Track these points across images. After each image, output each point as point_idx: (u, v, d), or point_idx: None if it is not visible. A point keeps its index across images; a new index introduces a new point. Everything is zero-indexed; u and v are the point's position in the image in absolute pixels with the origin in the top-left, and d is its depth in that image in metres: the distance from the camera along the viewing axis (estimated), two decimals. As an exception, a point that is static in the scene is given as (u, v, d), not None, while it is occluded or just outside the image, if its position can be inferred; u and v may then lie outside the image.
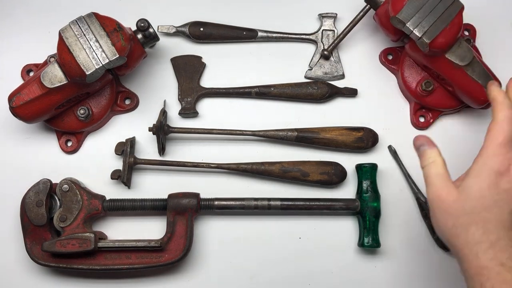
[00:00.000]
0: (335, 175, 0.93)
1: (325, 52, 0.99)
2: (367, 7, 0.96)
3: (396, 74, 1.01)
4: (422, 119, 0.98)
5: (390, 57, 1.01)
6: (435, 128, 0.99)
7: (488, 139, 0.71)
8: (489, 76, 0.89)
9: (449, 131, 0.99)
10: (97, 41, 0.85)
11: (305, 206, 0.91)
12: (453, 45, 0.88)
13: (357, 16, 0.98)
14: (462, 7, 0.87)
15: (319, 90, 0.98)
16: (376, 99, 1.00)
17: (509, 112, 0.72)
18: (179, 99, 0.98)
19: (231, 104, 1.00)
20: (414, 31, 0.85)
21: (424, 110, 0.98)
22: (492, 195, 0.69)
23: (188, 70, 1.00)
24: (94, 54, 0.85)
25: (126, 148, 0.93)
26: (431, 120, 0.98)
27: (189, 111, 0.97)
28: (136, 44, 0.91)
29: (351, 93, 0.99)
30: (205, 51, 1.02)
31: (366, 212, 0.90)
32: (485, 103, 0.90)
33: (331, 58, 1.01)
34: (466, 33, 1.01)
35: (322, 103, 1.00)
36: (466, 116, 0.99)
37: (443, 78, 0.92)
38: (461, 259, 0.70)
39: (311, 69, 1.01)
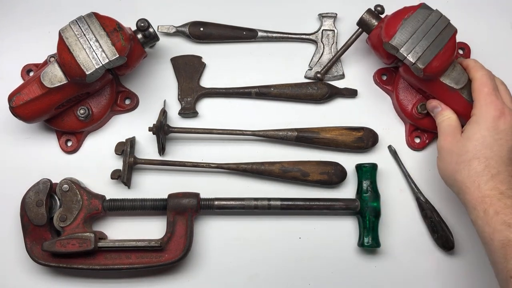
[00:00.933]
0: (335, 175, 0.93)
1: (318, 75, 0.99)
2: (359, 30, 0.96)
3: (391, 95, 1.00)
4: (417, 140, 0.97)
5: (385, 78, 1.00)
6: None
7: (476, 95, 0.82)
8: None
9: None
10: (97, 41, 0.85)
11: (305, 206, 0.91)
12: (448, 69, 0.87)
13: (350, 39, 0.97)
14: (455, 31, 0.86)
15: (319, 91, 0.98)
16: (376, 100, 1.00)
17: (485, 70, 0.84)
18: (179, 99, 0.98)
19: (231, 104, 1.00)
20: (407, 57, 0.84)
21: (420, 131, 0.97)
22: (492, 135, 0.78)
23: (188, 70, 1.00)
24: (94, 54, 0.85)
25: (126, 148, 0.93)
26: (427, 141, 0.97)
27: (188, 111, 0.97)
28: (136, 44, 0.91)
29: (351, 93, 0.99)
30: (205, 51, 1.02)
31: (366, 212, 0.90)
32: None
33: (331, 58, 1.01)
34: (461, 51, 1.00)
35: (322, 103, 1.00)
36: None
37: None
38: (464, 192, 0.78)
39: (311, 69, 1.01)
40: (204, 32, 1.01)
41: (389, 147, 0.98)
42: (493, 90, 0.81)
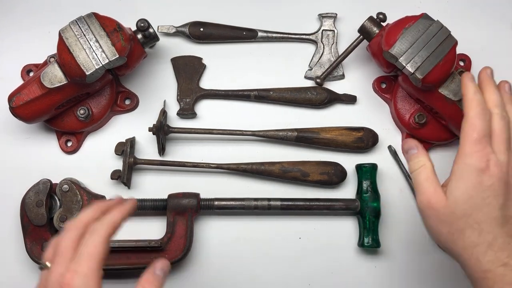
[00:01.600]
0: (335, 175, 0.93)
1: (318, 80, 0.99)
2: (360, 38, 0.95)
3: (389, 103, 1.00)
4: None
5: (384, 86, 1.00)
6: None
7: (462, 138, 0.70)
8: None
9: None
10: (97, 41, 0.85)
11: (305, 206, 0.91)
12: (446, 80, 0.86)
13: (350, 46, 0.97)
14: (456, 43, 0.85)
15: (318, 96, 0.97)
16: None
17: (479, 108, 0.70)
18: (178, 100, 0.98)
19: (230, 105, 1.00)
20: (406, 67, 0.84)
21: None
22: (478, 194, 0.68)
23: (188, 71, 1.00)
24: (94, 54, 0.85)
25: (126, 148, 0.93)
26: None
27: (187, 112, 0.97)
28: (136, 44, 0.91)
29: (350, 100, 0.99)
30: (205, 51, 1.02)
31: (366, 212, 0.90)
32: None
33: (331, 58, 1.01)
34: (462, 63, 1.00)
35: (321, 108, 1.00)
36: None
37: (436, 111, 0.91)
38: (463, 264, 0.69)
39: (311, 69, 1.01)
40: (204, 32, 1.01)
41: (389, 147, 0.98)
42: (483, 137, 0.69)
